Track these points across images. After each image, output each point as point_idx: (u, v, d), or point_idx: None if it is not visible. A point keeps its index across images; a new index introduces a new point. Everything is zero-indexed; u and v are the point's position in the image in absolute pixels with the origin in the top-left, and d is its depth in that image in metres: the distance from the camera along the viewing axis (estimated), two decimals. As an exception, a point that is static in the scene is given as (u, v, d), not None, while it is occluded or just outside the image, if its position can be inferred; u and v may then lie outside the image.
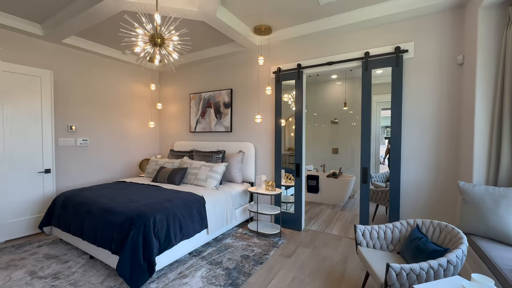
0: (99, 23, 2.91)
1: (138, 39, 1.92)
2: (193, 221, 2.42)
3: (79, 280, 2.05)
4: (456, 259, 1.39)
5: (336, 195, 4.46)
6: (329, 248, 2.69)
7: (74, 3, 2.50)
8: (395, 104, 2.60)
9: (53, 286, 1.97)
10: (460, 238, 1.53)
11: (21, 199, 2.90)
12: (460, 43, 2.35)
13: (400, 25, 2.61)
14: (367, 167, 2.75)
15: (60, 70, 3.39)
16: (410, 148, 2.59)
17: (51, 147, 3.11)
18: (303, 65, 3.15)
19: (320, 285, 2.02)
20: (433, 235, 1.78)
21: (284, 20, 2.88)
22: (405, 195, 2.63)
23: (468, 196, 1.91)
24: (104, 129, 3.93)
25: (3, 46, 2.89)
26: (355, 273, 2.19)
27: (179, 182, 3.16)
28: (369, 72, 2.74)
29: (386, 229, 1.97)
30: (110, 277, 2.09)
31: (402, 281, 1.39)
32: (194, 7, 2.40)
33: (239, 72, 3.76)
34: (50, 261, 2.36)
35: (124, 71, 4.20)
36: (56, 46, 3.33)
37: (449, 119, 2.41)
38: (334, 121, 5.64)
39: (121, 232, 2.00)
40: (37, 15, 2.78)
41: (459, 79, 2.36)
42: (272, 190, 3.02)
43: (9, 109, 2.79)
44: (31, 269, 2.21)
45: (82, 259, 2.40)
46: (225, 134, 3.92)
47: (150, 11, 2.41)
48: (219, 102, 3.94)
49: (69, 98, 3.49)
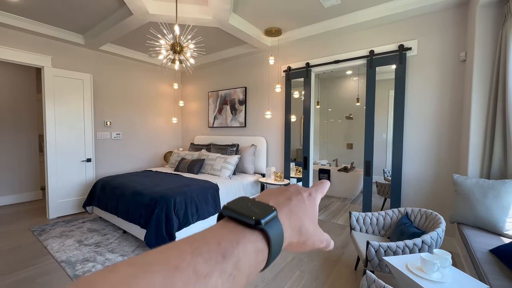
0: (130, 32, 3.34)
1: (161, 48, 2.28)
2: (208, 204, 2.77)
3: (115, 248, 2.51)
4: (431, 240, 1.56)
5: (346, 189, 4.59)
6: (331, 235, 2.90)
7: (110, 17, 2.94)
8: (398, 100, 2.71)
9: (96, 251, 2.43)
10: (439, 223, 1.68)
11: (68, 184, 3.47)
12: (463, 40, 2.39)
13: (404, 23, 2.69)
14: (370, 160, 2.90)
15: (98, 73, 3.91)
16: (412, 143, 2.69)
17: (91, 139, 3.65)
18: (311, 64, 3.33)
19: (317, 264, 2.27)
20: (420, 221, 1.94)
21: (292, 22, 3.09)
22: (406, 188, 2.74)
23: (460, 188, 2.02)
24: (134, 124, 4.44)
25: (54, 55, 3.45)
26: (352, 258, 2.39)
27: (197, 171, 3.55)
28: (373, 70, 2.86)
29: (379, 216, 2.15)
30: (139, 248, 2.52)
31: (380, 257, 1.60)
32: (209, 15, 2.71)
33: (252, 71, 4.03)
34: (92, 234, 2.86)
35: (150, 72, 4.68)
36: (94, 53, 3.86)
37: (451, 115, 2.48)
38: (349, 116, 5.69)
39: (148, 210, 2.40)
40: (80, 28, 3.28)
41: (461, 76, 2.41)
42: (280, 180, 3.28)
43: (59, 107, 3.35)
44: (78, 239, 2.72)
45: (117, 233, 2.87)
46: (239, 129, 4.24)
47: (171, 21, 2.76)
48: (234, 99, 4.25)
49: (105, 97, 4.02)
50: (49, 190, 3.31)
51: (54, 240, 2.67)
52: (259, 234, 0.22)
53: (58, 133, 3.35)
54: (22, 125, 4.20)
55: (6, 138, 4.02)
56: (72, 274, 2.04)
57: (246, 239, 0.21)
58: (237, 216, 0.22)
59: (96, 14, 2.88)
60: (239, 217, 0.22)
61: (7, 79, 4.10)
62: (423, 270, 1.23)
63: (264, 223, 0.22)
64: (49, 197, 3.32)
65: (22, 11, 2.81)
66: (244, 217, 0.22)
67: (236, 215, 0.23)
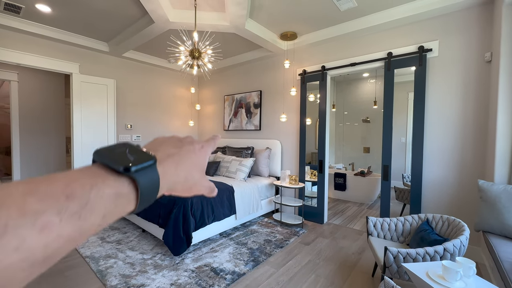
0: (151, 39, 3.50)
1: (181, 54, 2.37)
2: (223, 206, 2.81)
3: (135, 246, 2.61)
4: (453, 248, 1.50)
5: (363, 194, 4.48)
6: (347, 240, 2.85)
7: (133, 26, 3.10)
8: (418, 103, 2.63)
9: (117, 248, 2.55)
10: (463, 230, 1.61)
11: (92, 183, 3.66)
12: (488, 40, 2.30)
13: (423, 24, 2.62)
14: (388, 164, 2.83)
15: (120, 78, 4.12)
16: (433, 146, 2.60)
17: (114, 141, 3.83)
18: (327, 67, 3.32)
19: (332, 268, 2.24)
20: (441, 228, 1.87)
21: (308, 26, 3.10)
22: (426, 193, 2.65)
23: (486, 194, 1.93)
24: (153, 127, 4.61)
25: (81, 62, 3.67)
26: (369, 264, 2.34)
27: (213, 173, 3.62)
28: (391, 72, 2.81)
29: (398, 222, 2.09)
30: (157, 246, 2.61)
31: (399, 264, 1.56)
32: (226, 22, 2.79)
33: (267, 74, 4.07)
34: (114, 231, 2.99)
35: (169, 77, 4.85)
36: (118, 59, 4.07)
37: (475, 118, 2.38)
38: (366, 119, 5.58)
39: (166, 210, 2.49)
40: (105, 36, 3.48)
41: (486, 77, 2.31)
42: (295, 184, 3.27)
43: (85, 111, 3.56)
44: (101, 236, 2.86)
45: (137, 232, 2.98)
46: (254, 132, 4.28)
47: (190, 28, 2.87)
48: (249, 102, 4.31)
49: (126, 101, 4.21)
50: (75, 189, 3.51)
51: (79, 236, 2.82)
52: (125, 180, 0.22)
53: (84, 135, 3.56)
54: (51, 128, 4.49)
55: (36, 140, 4.31)
56: (96, 269, 2.15)
57: (104, 184, 0.21)
58: (105, 161, 0.23)
59: (120, 23, 3.05)
60: (107, 162, 0.23)
61: (39, 85, 4.42)
62: (445, 279, 1.19)
63: (135, 171, 0.22)
64: (74, 196, 3.52)
65: (53, 21, 3.03)
66: (112, 163, 0.22)
67: (104, 160, 0.23)
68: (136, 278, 2.03)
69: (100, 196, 0.20)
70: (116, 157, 0.23)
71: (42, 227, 0.17)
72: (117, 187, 0.22)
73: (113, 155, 0.23)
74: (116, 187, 0.22)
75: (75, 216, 0.19)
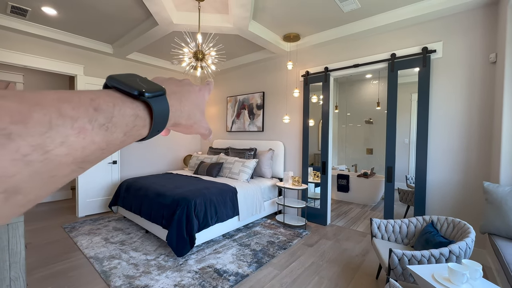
0: (154, 41, 3.52)
1: (185, 56, 2.39)
2: (226, 207, 2.82)
3: (138, 247, 2.62)
4: (459, 250, 1.49)
5: (367, 195, 4.46)
6: (351, 242, 2.83)
7: (137, 28, 3.13)
8: (422, 104, 2.62)
9: (121, 249, 2.56)
10: (468, 232, 1.60)
11: (96, 184, 3.68)
12: (493, 41, 2.29)
13: (427, 25, 2.62)
14: (392, 166, 2.82)
15: (124, 80, 4.14)
16: (437, 148, 2.59)
17: (117, 143, 3.86)
18: (330, 68, 3.32)
19: (336, 270, 2.23)
20: (446, 230, 1.85)
21: (311, 28, 3.10)
22: (431, 195, 2.63)
23: (491, 196, 1.91)
24: (156, 128, 4.62)
25: (86, 64, 3.71)
26: (373, 266, 2.32)
27: (216, 174, 3.62)
28: (395, 74, 2.80)
29: (402, 224, 2.08)
30: (161, 247, 2.61)
31: (403, 266, 1.55)
32: (229, 23, 2.80)
33: (270, 76, 4.07)
34: (117, 232, 3.00)
35: (172, 78, 4.86)
36: (122, 61, 4.10)
37: (480, 119, 2.36)
38: (369, 121, 5.56)
39: (169, 211, 2.49)
40: (110, 38, 3.51)
41: (491, 78, 2.30)
42: (298, 185, 3.27)
43: (89, 112, 3.58)
44: (105, 237, 2.87)
45: (140, 233, 2.99)
46: (257, 133, 4.28)
47: (194, 30, 2.88)
48: (252, 104, 4.32)
49: (130, 103, 4.23)
50: (79, 190, 3.53)
51: (83, 237, 2.84)
52: (140, 104, 0.24)
53: (88, 136, 3.58)
54: (55, 129, 4.53)
55: (42, 141, 4.35)
56: (100, 270, 2.16)
57: (124, 104, 0.22)
58: (120, 85, 0.23)
59: (125, 25, 3.08)
60: (122, 86, 0.23)
61: (44, 87, 4.46)
62: (451, 281, 1.18)
63: (148, 97, 0.24)
64: (78, 197, 3.54)
65: (59, 24, 3.06)
66: (128, 87, 0.23)
67: (120, 84, 0.23)
68: (140, 279, 2.04)
69: (122, 114, 0.22)
70: (129, 83, 0.24)
71: (79, 131, 0.19)
72: (134, 108, 0.23)
73: (126, 81, 0.24)
74: (134, 108, 0.23)
75: (103, 127, 0.20)
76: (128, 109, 0.22)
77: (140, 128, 0.24)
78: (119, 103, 0.22)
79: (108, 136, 0.21)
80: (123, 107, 0.22)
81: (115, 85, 0.23)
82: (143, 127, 0.24)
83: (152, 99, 0.24)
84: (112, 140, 0.21)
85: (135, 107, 0.23)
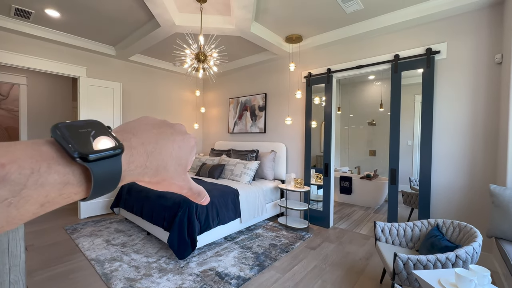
0: (156, 43, 3.53)
1: (187, 57, 2.38)
2: (228, 209, 2.80)
3: (140, 249, 2.60)
4: (466, 255, 1.45)
5: (370, 197, 4.42)
6: (354, 245, 2.80)
7: (139, 29, 3.13)
8: (426, 106, 2.59)
9: (122, 251, 2.54)
10: (475, 236, 1.56)
11: (98, 185, 3.68)
12: (499, 42, 2.25)
13: (431, 26, 2.59)
14: (396, 168, 2.78)
15: (126, 81, 4.16)
16: (441, 150, 2.55)
17: (119, 144, 3.86)
18: (333, 70, 3.30)
19: (339, 274, 2.19)
20: (452, 234, 1.82)
21: (313, 29, 3.09)
22: (435, 198, 2.59)
23: (498, 199, 1.87)
24: (158, 130, 4.63)
25: (88, 65, 3.72)
26: (376, 270, 2.29)
27: (217, 176, 3.61)
28: (398, 75, 2.77)
29: (406, 227, 2.05)
30: (162, 249, 2.60)
31: (409, 270, 1.52)
32: (231, 25, 2.79)
33: (272, 77, 4.06)
34: (119, 234, 2.99)
35: (174, 80, 4.88)
36: (124, 63, 4.11)
37: (485, 121, 2.33)
38: (372, 122, 5.52)
39: (171, 213, 2.48)
40: (112, 40, 3.52)
41: (497, 79, 2.27)
42: (300, 187, 3.24)
43: (92, 114, 3.59)
44: (106, 238, 2.86)
45: (141, 235, 2.98)
46: (259, 135, 4.26)
47: (196, 31, 2.88)
48: (254, 105, 4.30)
49: (132, 104, 4.25)
50: (81, 191, 3.53)
51: (85, 238, 2.84)
52: (77, 168, 0.20)
53: (90, 138, 3.58)
54: (58, 131, 4.55)
55: (45, 142, 4.37)
56: (101, 273, 2.14)
57: (50, 169, 0.19)
58: (61, 142, 0.20)
59: (127, 27, 3.09)
60: (63, 143, 0.20)
61: (47, 89, 4.49)
62: (458, 287, 1.15)
63: (93, 159, 0.20)
64: (80, 198, 3.53)
65: (62, 26, 3.08)
66: (69, 146, 0.20)
67: (62, 140, 0.20)
68: (141, 282, 2.02)
69: (41, 184, 0.18)
70: (76, 138, 0.20)
71: None
72: (65, 175, 0.19)
73: (75, 135, 0.21)
74: (64, 174, 0.19)
75: (5, 203, 0.17)
76: (54, 176, 0.19)
77: (71, 195, 0.20)
78: (43, 168, 0.18)
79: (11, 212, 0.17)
80: (48, 173, 0.18)
81: (57, 139, 0.20)
82: (76, 194, 0.21)
83: (96, 162, 0.20)
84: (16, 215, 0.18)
85: (67, 173, 0.19)
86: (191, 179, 0.31)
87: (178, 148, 0.27)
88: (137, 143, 0.24)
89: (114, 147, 0.21)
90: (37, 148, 0.19)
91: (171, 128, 0.28)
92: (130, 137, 0.24)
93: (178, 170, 0.27)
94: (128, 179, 0.24)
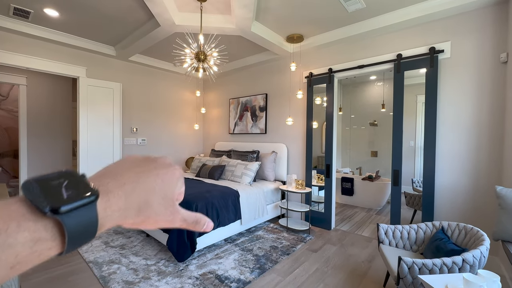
0: (156, 43, 3.50)
1: (186, 56, 2.35)
2: (228, 211, 2.76)
3: (139, 251, 2.57)
4: (473, 259, 1.41)
5: (372, 199, 4.37)
6: (356, 248, 2.75)
7: (139, 29, 3.11)
8: (429, 106, 2.55)
9: (121, 253, 2.51)
10: (482, 240, 1.52)
11: (97, 186, 3.65)
12: (504, 40, 2.21)
13: (434, 25, 2.55)
14: (399, 169, 2.74)
15: (126, 82, 4.13)
16: (445, 150, 2.51)
17: (119, 145, 3.83)
18: (334, 69, 3.26)
19: (341, 277, 2.15)
20: (458, 237, 1.77)
21: (315, 28, 3.05)
22: (439, 199, 2.54)
23: (505, 201, 1.82)
24: (158, 130, 4.61)
25: (88, 66, 3.70)
26: (379, 273, 2.24)
27: (218, 177, 3.57)
28: (401, 75, 2.73)
29: (410, 230, 2.00)
30: (161, 252, 2.56)
31: (414, 275, 1.47)
32: (232, 24, 2.76)
33: (273, 77, 4.03)
34: (117, 236, 2.96)
35: (174, 80, 4.85)
36: (124, 63, 4.09)
37: (490, 120, 2.28)
38: (374, 123, 5.47)
39: (170, 215, 2.44)
40: (112, 40, 3.50)
41: (502, 78, 2.22)
42: (301, 188, 3.20)
43: (91, 115, 3.56)
44: (105, 240, 2.82)
45: (141, 237, 2.94)
46: (260, 136, 4.23)
47: (196, 31, 2.85)
48: (255, 106, 4.27)
49: (132, 104, 4.22)
50: (80, 192, 3.50)
51: (83, 240, 2.80)
52: (49, 223, 0.19)
53: (90, 138, 3.56)
54: (58, 131, 4.53)
55: (43, 143, 4.35)
56: (99, 275, 2.11)
57: (20, 227, 0.18)
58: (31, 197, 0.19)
59: (127, 27, 3.06)
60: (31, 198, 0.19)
61: (46, 89, 4.47)
62: (467, 293, 1.11)
63: (66, 211, 0.19)
64: (80, 199, 3.51)
65: (61, 26, 3.06)
66: (38, 200, 0.19)
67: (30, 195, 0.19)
68: (139, 285, 1.98)
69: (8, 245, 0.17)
70: (47, 191, 0.19)
71: None
72: (36, 231, 0.18)
73: (46, 188, 0.20)
74: (35, 231, 0.18)
75: None
76: (24, 234, 0.18)
77: (45, 251, 0.19)
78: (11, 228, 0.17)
79: None
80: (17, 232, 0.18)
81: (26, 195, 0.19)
82: (50, 249, 0.19)
83: (69, 214, 0.19)
84: None
85: (37, 229, 0.19)
86: (185, 210, 0.30)
87: (162, 182, 0.27)
88: (114, 186, 0.23)
89: (88, 195, 0.21)
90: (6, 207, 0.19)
91: (154, 163, 0.28)
92: (108, 181, 0.23)
93: (163, 204, 0.27)
94: (109, 225, 0.23)
